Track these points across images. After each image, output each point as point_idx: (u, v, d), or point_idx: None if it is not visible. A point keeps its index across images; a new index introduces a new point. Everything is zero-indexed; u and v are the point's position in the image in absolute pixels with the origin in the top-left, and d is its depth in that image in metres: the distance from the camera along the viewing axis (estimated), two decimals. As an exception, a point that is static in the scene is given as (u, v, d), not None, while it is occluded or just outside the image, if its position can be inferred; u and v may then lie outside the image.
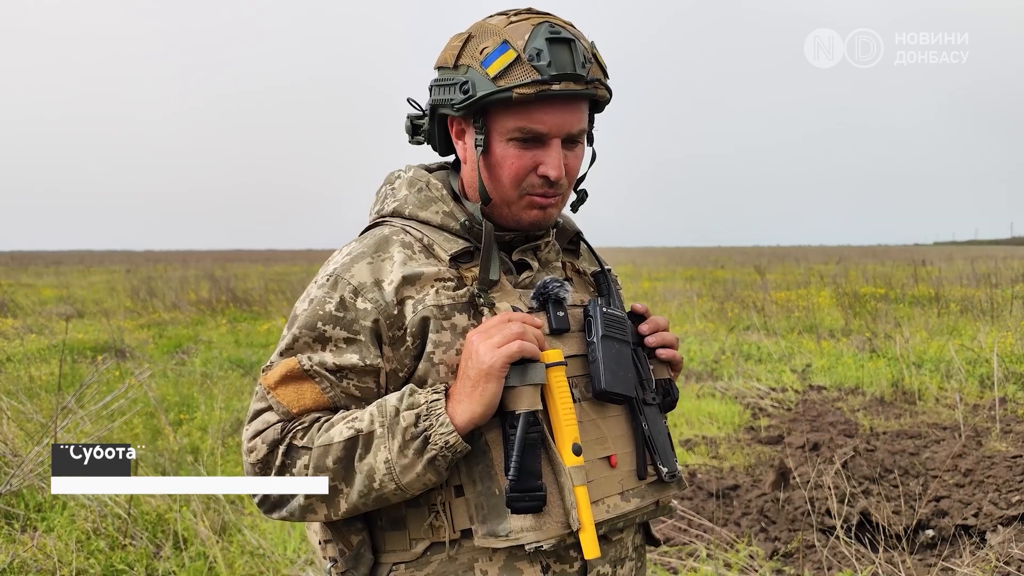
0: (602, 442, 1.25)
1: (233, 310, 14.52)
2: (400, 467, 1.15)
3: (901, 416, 6.58)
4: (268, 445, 1.21)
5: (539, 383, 1.16)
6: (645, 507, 1.28)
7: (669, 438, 1.32)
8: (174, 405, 6.75)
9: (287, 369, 1.23)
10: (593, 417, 1.25)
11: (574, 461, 1.16)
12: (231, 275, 22.44)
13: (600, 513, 1.21)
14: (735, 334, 10.95)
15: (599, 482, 1.22)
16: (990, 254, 35.10)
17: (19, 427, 5.28)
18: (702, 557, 3.73)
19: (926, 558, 3.88)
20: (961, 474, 4.85)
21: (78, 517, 3.93)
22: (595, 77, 1.22)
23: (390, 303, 1.22)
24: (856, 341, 9.98)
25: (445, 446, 1.14)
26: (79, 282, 24.46)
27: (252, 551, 3.68)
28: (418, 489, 1.18)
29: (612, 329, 1.26)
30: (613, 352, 1.25)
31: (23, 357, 8.98)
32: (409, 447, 1.14)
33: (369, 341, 1.22)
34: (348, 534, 1.27)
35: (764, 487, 4.74)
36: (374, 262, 1.25)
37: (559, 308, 1.25)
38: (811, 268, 24.84)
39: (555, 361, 1.18)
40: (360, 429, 1.17)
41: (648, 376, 1.32)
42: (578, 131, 1.25)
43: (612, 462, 1.25)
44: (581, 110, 1.24)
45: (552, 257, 1.37)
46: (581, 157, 1.29)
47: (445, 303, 1.23)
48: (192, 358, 9.45)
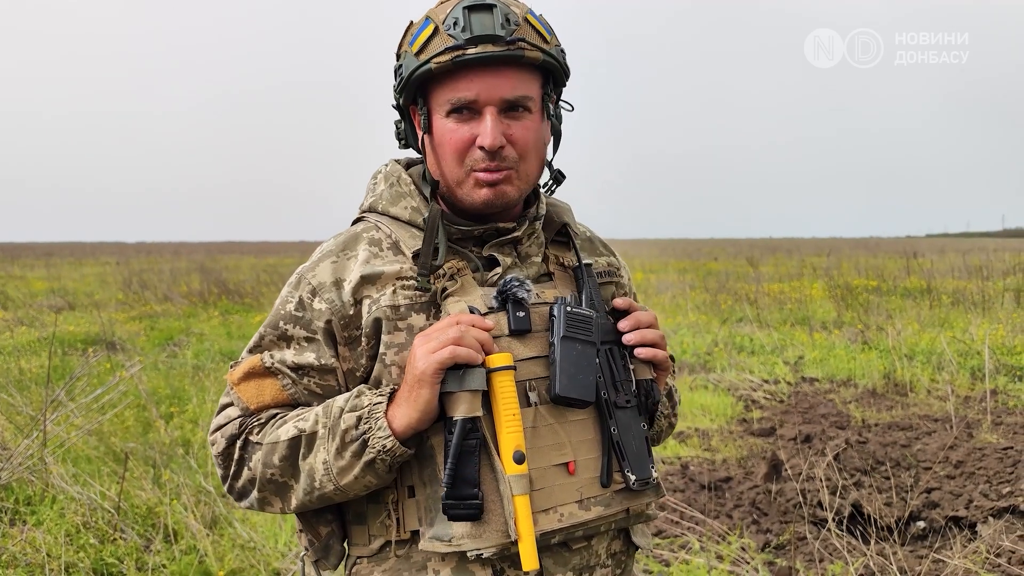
0: (559, 448, 1.20)
1: (225, 302, 14.49)
2: (338, 468, 1.16)
3: (893, 408, 6.60)
4: (227, 439, 1.24)
5: (477, 389, 1.13)
6: (611, 515, 1.22)
7: (646, 442, 1.25)
8: (165, 398, 6.72)
9: (251, 366, 1.26)
10: (551, 422, 1.20)
11: (515, 469, 1.13)
12: (222, 267, 22.37)
13: (551, 522, 1.17)
14: (728, 326, 10.96)
15: (552, 490, 1.18)
16: (982, 246, 35.26)
17: (8, 420, 5.25)
18: (694, 549, 3.74)
19: (917, 549, 3.90)
20: (952, 466, 4.87)
21: (67, 511, 3.90)
22: (519, 37, 1.16)
23: (346, 303, 1.22)
24: (848, 333, 10.00)
25: (383, 450, 1.14)
26: (70, 274, 24.36)
27: (243, 544, 3.67)
28: (359, 490, 1.18)
29: (574, 329, 1.20)
30: (573, 354, 1.19)
31: (13, 349, 8.93)
32: (347, 449, 1.15)
33: (324, 341, 1.23)
34: (317, 525, 1.29)
35: (756, 479, 4.75)
36: (339, 260, 1.26)
37: (519, 308, 1.21)
38: (804, 260, 24.90)
39: (500, 366, 1.14)
40: (304, 429, 1.19)
41: (625, 377, 1.25)
42: (516, 97, 1.19)
43: (570, 469, 1.19)
44: (514, 75, 1.19)
45: (533, 251, 1.31)
46: (532, 128, 1.22)
47: (401, 303, 1.21)
48: (183, 350, 9.42)
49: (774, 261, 26.32)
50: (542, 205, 1.34)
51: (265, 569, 3.50)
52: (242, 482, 1.25)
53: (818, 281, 15.85)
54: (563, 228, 1.37)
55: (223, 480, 1.27)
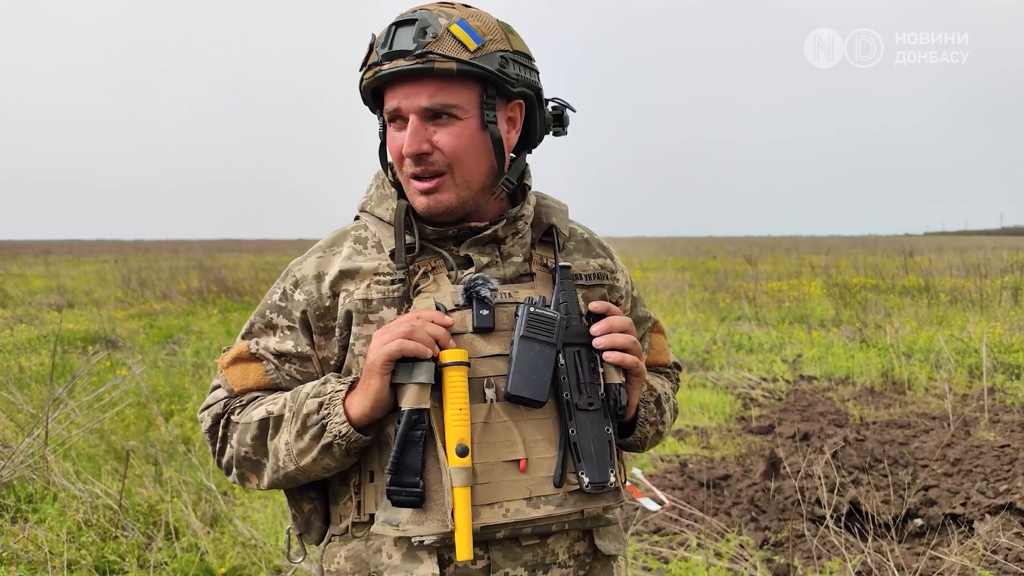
0: (511, 445, 1.22)
1: (224, 300, 14.48)
2: (298, 450, 1.24)
3: (891, 406, 6.62)
4: (212, 418, 1.34)
5: (424, 382, 1.18)
6: (562, 516, 1.24)
7: (608, 446, 1.25)
8: (165, 396, 6.73)
9: (238, 352, 1.35)
10: (505, 419, 1.23)
11: (457, 462, 1.17)
12: (221, 265, 22.35)
13: (494, 516, 1.20)
14: (726, 324, 10.98)
15: (499, 485, 1.21)
16: (980, 244, 35.30)
17: (9, 418, 5.27)
18: (692, 547, 3.76)
19: (915, 547, 3.92)
20: (950, 463, 4.89)
21: (69, 508, 3.92)
22: (430, 50, 1.19)
23: (323, 295, 1.30)
24: (846, 331, 10.02)
25: (339, 435, 1.21)
26: (69, 272, 24.34)
27: (244, 542, 3.68)
28: (319, 471, 1.26)
29: (535, 330, 1.23)
30: (530, 354, 1.21)
31: (13, 347, 8.94)
32: (307, 432, 1.23)
33: (301, 330, 1.32)
34: (301, 501, 1.36)
35: (755, 477, 4.77)
36: (324, 256, 1.34)
37: (482, 306, 1.24)
38: (802, 258, 24.92)
39: (451, 361, 1.18)
40: (272, 411, 1.28)
41: (590, 379, 1.25)
42: (434, 104, 1.22)
43: (521, 466, 1.22)
44: (433, 85, 1.22)
45: (516, 251, 1.33)
46: (461, 134, 1.24)
47: (374, 297, 1.28)
48: (183, 348, 9.42)
49: (773, 259, 26.35)
50: (527, 205, 1.36)
51: (266, 567, 3.51)
52: (226, 458, 1.34)
53: (816, 279, 15.87)
54: (549, 229, 1.38)
55: (213, 455, 1.37)
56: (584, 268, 1.40)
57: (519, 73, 1.27)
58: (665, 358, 1.56)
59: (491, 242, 1.32)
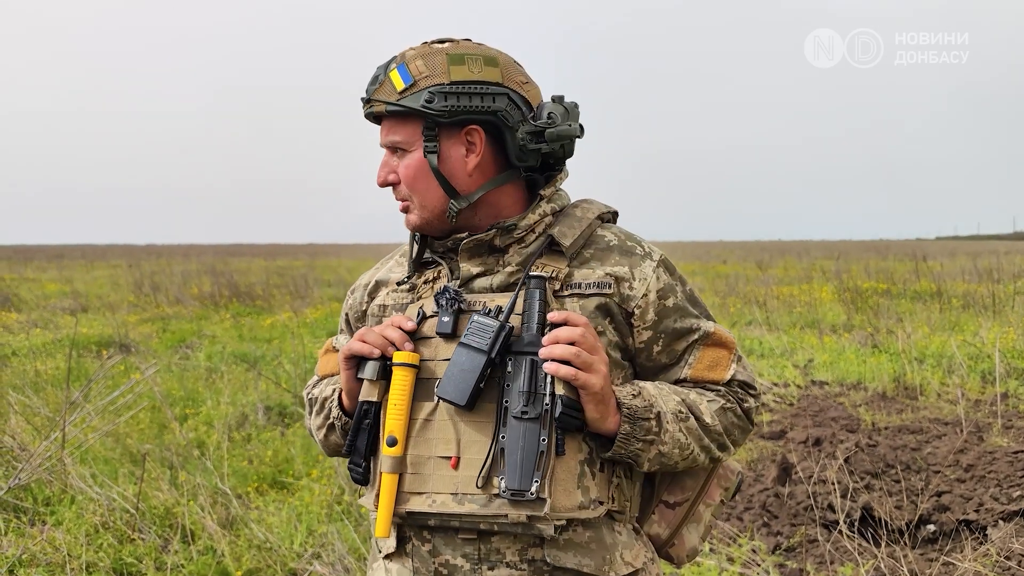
0: (447, 443, 1.33)
1: (236, 305, 14.55)
2: (315, 426, 1.54)
3: (903, 411, 6.60)
4: (306, 393, 1.62)
5: (369, 378, 1.36)
6: (486, 516, 1.28)
7: (539, 457, 1.25)
8: (179, 400, 6.78)
9: (326, 345, 1.63)
10: (446, 418, 1.34)
11: (386, 451, 1.33)
12: (233, 269, 22.44)
13: (420, 504, 1.33)
14: (737, 329, 10.97)
15: (429, 477, 1.34)
16: (992, 249, 35.08)
17: (27, 421, 5.32)
18: (705, 551, 3.76)
19: (927, 552, 3.91)
20: (963, 469, 4.88)
21: (86, 511, 3.96)
22: (373, 97, 1.38)
23: (361, 301, 1.56)
24: (858, 336, 9.99)
25: (336, 417, 1.47)
26: (82, 276, 24.50)
27: (259, 545, 3.71)
28: (332, 445, 1.52)
29: (472, 337, 1.30)
30: (461, 359, 1.30)
31: (28, 351, 9.02)
32: (322, 412, 1.51)
33: (347, 330, 1.60)
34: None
35: (766, 482, 4.77)
36: (379, 267, 1.58)
37: (445, 313, 1.36)
38: (813, 263, 24.83)
39: (398, 362, 1.34)
40: (315, 394, 1.56)
41: (533, 388, 1.26)
42: (389, 142, 1.40)
43: (452, 463, 1.32)
44: (389, 124, 1.40)
45: (513, 260, 1.40)
46: (411, 166, 1.39)
47: (388, 303, 1.49)
48: (196, 352, 9.48)
49: (783, 264, 26.27)
50: (531, 215, 1.41)
51: (282, 569, 3.54)
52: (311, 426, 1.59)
53: (827, 284, 15.82)
54: (550, 239, 1.40)
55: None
56: (587, 277, 1.38)
57: (457, 104, 1.33)
58: (717, 374, 1.43)
59: (493, 251, 1.42)
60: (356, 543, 3.69)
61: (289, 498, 4.45)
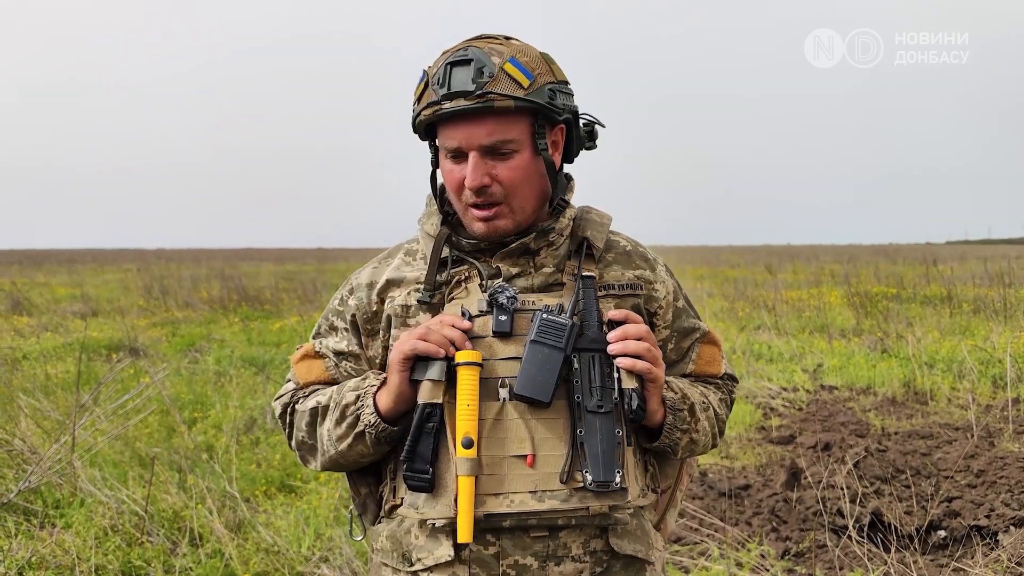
0: (520, 441, 1.32)
1: (245, 309, 14.59)
2: (336, 436, 1.39)
3: (913, 416, 6.57)
4: (282, 406, 1.50)
5: (435, 379, 1.30)
6: (567, 511, 1.31)
7: (616, 449, 1.29)
8: (188, 403, 6.80)
9: (306, 350, 1.51)
10: (516, 416, 1.32)
11: (462, 453, 1.27)
12: (242, 274, 22.52)
13: (499, 505, 1.30)
14: (746, 333, 10.93)
15: (505, 477, 1.31)
16: (1003, 253, 34.87)
17: (37, 424, 5.34)
18: (714, 556, 3.75)
19: (938, 558, 3.89)
20: (973, 475, 4.85)
21: (95, 514, 3.97)
22: (490, 91, 1.28)
23: (371, 302, 1.45)
24: (868, 341, 9.95)
25: (368, 424, 1.34)
26: (92, 280, 24.62)
27: (267, 548, 3.72)
28: (354, 457, 1.40)
29: (544, 335, 1.30)
30: (538, 357, 1.30)
31: (39, 355, 9.06)
32: (344, 421, 1.37)
33: (352, 332, 1.48)
34: (358, 485, 1.50)
35: (775, 487, 4.75)
36: (379, 266, 1.49)
37: (501, 312, 1.34)
38: (822, 267, 24.75)
39: (463, 361, 1.29)
40: (320, 402, 1.43)
41: (603, 384, 1.31)
42: (493, 142, 1.31)
43: (528, 461, 1.31)
44: (492, 122, 1.30)
45: (548, 262, 1.41)
46: (518, 167, 1.34)
47: (412, 304, 1.41)
48: (205, 356, 9.51)
49: (792, 268, 26.18)
50: (562, 219, 1.43)
51: (289, 572, 3.55)
52: (293, 442, 1.49)
53: (837, 288, 15.76)
54: (584, 240, 1.45)
55: (286, 440, 1.53)
56: (619, 279, 1.46)
57: (564, 101, 1.36)
58: (715, 369, 1.56)
59: (525, 253, 1.41)
60: (363, 547, 3.69)
61: (297, 502, 4.45)
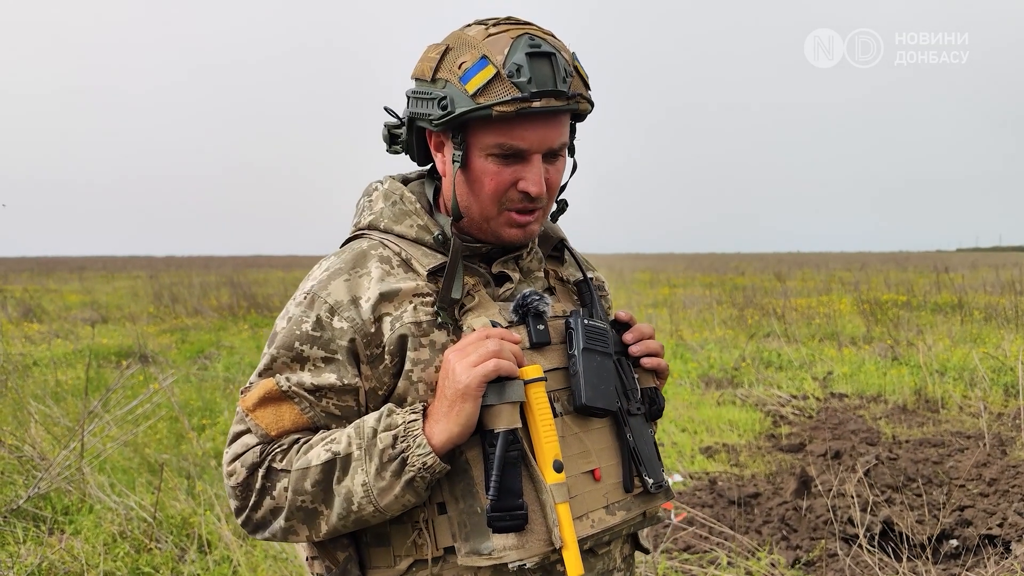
0: (586, 456, 1.23)
1: (254, 316, 14.65)
2: (378, 489, 1.14)
3: (924, 424, 6.53)
4: (247, 468, 1.20)
5: (517, 401, 1.14)
6: (632, 519, 1.27)
7: (655, 447, 1.31)
8: (197, 410, 6.82)
9: (265, 391, 1.21)
10: (576, 431, 1.23)
11: (555, 478, 1.14)
12: (251, 281, 22.60)
13: (584, 528, 1.19)
14: (755, 341, 10.89)
15: (583, 497, 1.21)
16: (1015, 261, 34.67)
17: (46, 431, 5.36)
18: (723, 564, 3.73)
19: (950, 568, 3.85)
20: (985, 483, 4.81)
21: (104, 520, 3.98)
22: (576, 92, 1.17)
23: (367, 321, 1.20)
24: (878, 348, 9.90)
25: (423, 467, 1.12)
26: (103, 288, 24.75)
27: (275, 555, 3.71)
28: (397, 510, 1.16)
29: (593, 342, 1.24)
30: (594, 365, 1.23)
31: (50, 361, 9.10)
32: (387, 469, 1.13)
33: (346, 360, 1.20)
34: (334, 551, 1.26)
35: (785, 495, 4.72)
36: (351, 279, 1.23)
37: (539, 321, 1.23)
38: (832, 275, 24.67)
39: (534, 377, 1.16)
40: (338, 452, 1.16)
41: (633, 386, 1.30)
42: (559, 145, 1.22)
43: (596, 476, 1.23)
44: (562, 124, 1.21)
45: (534, 266, 1.35)
46: (562, 170, 1.26)
47: (423, 319, 1.21)
48: (214, 363, 9.54)
49: (802, 276, 26.10)
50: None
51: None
52: (262, 512, 1.21)
53: (847, 296, 15.70)
54: (558, 244, 1.42)
55: (238, 512, 1.22)
56: (596, 280, 1.46)
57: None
58: None
59: (512, 258, 1.32)
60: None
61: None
